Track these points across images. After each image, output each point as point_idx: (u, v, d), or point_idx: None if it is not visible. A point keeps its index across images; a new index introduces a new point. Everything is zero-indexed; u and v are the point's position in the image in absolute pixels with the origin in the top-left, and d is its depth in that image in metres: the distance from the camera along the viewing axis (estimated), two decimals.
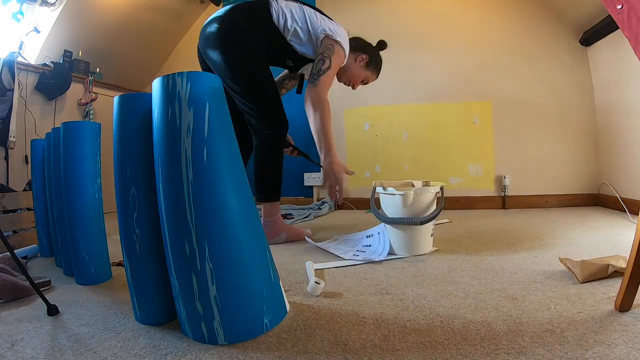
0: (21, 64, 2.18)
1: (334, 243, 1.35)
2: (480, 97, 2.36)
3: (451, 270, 1.00)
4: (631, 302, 0.67)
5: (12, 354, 0.62)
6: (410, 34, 2.49)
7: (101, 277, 1.05)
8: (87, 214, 1.04)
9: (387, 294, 0.84)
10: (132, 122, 0.75)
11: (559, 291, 0.80)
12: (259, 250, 0.71)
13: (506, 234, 1.45)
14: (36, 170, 1.37)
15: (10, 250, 0.82)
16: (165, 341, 0.65)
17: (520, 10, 2.32)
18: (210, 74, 0.69)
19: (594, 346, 0.56)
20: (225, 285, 0.64)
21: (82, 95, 2.59)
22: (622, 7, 0.61)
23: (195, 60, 1.56)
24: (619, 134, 1.96)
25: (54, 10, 2.31)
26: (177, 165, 0.64)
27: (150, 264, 0.74)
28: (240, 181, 0.70)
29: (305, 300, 0.83)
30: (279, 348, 0.61)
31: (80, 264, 1.03)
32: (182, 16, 3.11)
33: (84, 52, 2.59)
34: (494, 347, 0.57)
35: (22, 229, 1.53)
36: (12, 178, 2.09)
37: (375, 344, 0.61)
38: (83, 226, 1.03)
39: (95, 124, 1.09)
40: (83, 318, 0.77)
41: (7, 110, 2.04)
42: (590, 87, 2.21)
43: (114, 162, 0.76)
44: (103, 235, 1.09)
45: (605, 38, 2.00)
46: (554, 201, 2.24)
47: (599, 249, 1.15)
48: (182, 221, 0.64)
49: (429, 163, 2.43)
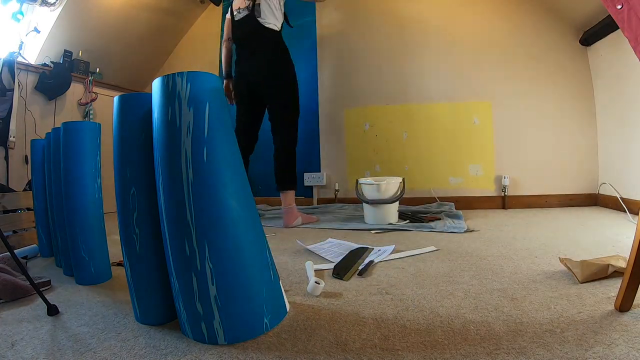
0: (21, 64, 2.18)
1: (327, 245, 1.35)
2: (480, 97, 2.36)
3: (451, 270, 1.00)
4: (631, 302, 0.67)
5: (12, 354, 0.62)
6: (411, 34, 2.49)
7: (101, 277, 1.05)
8: (87, 214, 1.04)
9: (387, 294, 0.84)
10: (132, 122, 0.75)
11: (559, 291, 0.80)
12: (259, 250, 0.71)
13: (507, 236, 1.46)
14: (36, 170, 1.37)
15: (10, 250, 0.82)
16: (165, 341, 0.65)
17: (521, 11, 2.32)
18: (210, 74, 0.69)
19: (594, 346, 0.56)
20: (225, 285, 0.64)
21: (82, 95, 2.59)
22: (622, 7, 0.61)
23: (195, 60, 1.56)
24: (619, 134, 1.96)
25: (54, 10, 2.31)
26: (177, 165, 0.64)
27: (150, 264, 0.74)
28: (240, 181, 0.70)
29: (305, 300, 0.83)
30: (279, 348, 0.61)
31: (80, 264, 1.03)
32: (182, 16, 3.11)
33: (84, 52, 2.59)
34: (494, 347, 0.57)
35: (22, 229, 1.53)
36: (12, 178, 2.09)
37: (375, 344, 0.61)
38: (83, 226, 1.03)
39: (95, 124, 1.09)
40: (83, 318, 0.77)
41: (7, 110, 2.04)
42: (590, 87, 2.21)
43: (114, 162, 0.76)
44: (103, 235, 1.09)
45: (605, 38, 2.00)
46: (554, 201, 2.24)
47: (599, 249, 1.15)
48: (182, 221, 0.64)
49: (429, 163, 2.43)
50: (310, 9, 2.70)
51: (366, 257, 1.15)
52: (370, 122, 2.57)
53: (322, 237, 1.53)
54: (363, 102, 2.57)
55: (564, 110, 2.24)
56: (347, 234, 1.61)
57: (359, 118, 2.59)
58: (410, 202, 2.34)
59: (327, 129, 2.67)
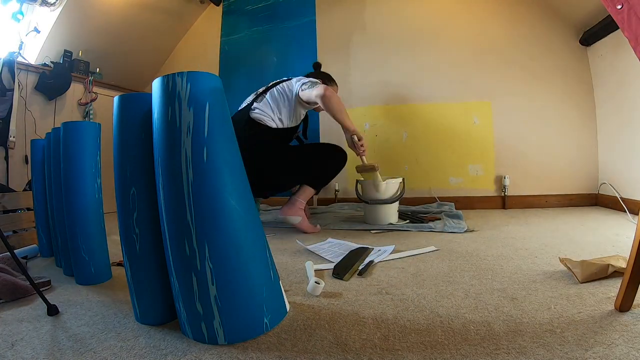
0: (21, 64, 2.18)
1: (327, 245, 1.35)
2: (480, 97, 2.36)
3: (451, 270, 1.00)
4: (631, 302, 0.67)
5: (12, 354, 0.62)
6: (410, 34, 2.49)
7: (101, 277, 1.05)
8: (87, 214, 1.04)
9: (387, 294, 0.84)
10: (132, 122, 0.75)
11: (559, 291, 0.80)
12: (259, 250, 0.71)
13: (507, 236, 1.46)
14: (36, 170, 1.37)
15: (10, 250, 0.82)
16: (165, 341, 0.65)
17: (520, 11, 2.32)
18: (210, 74, 0.68)
19: (594, 346, 0.56)
20: (225, 285, 0.64)
21: (82, 95, 2.59)
22: (622, 7, 0.61)
23: (195, 60, 1.57)
24: (619, 134, 1.96)
25: (54, 10, 2.31)
26: (177, 165, 0.64)
27: (150, 264, 0.74)
28: (240, 181, 0.70)
29: (305, 300, 0.83)
30: (279, 348, 0.61)
31: (80, 264, 1.03)
32: (182, 16, 3.11)
33: (84, 52, 2.59)
34: (494, 347, 0.57)
35: (22, 229, 1.53)
36: (12, 178, 2.09)
37: (375, 344, 0.61)
38: (83, 226, 1.03)
39: (95, 124, 1.09)
40: (83, 318, 0.77)
41: (7, 110, 2.04)
42: (590, 87, 2.21)
43: (114, 162, 0.76)
44: (103, 235, 1.09)
45: (605, 38, 2.00)
46: (554, 201, 2.23)
47: (599, 249, 1.15)
48: (182, 221, 0.64)
49: (429, 163, 2.43)
50: (310, 8, 2.70)
51: (366, 257, 1.15)
52: (370, 122, 2.57)
53: (322, 237, 1.53)
54: (363, 102, 2.57)
55: (564, 110, 2.24)
56: (347, 234, 1.61)
57: (359, 118, 2.59)
58: (410, 202, 2.34)
59: (328, 129, 2.67)
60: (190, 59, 3.19)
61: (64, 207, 1.04)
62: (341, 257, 1.13)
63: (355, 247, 1.26)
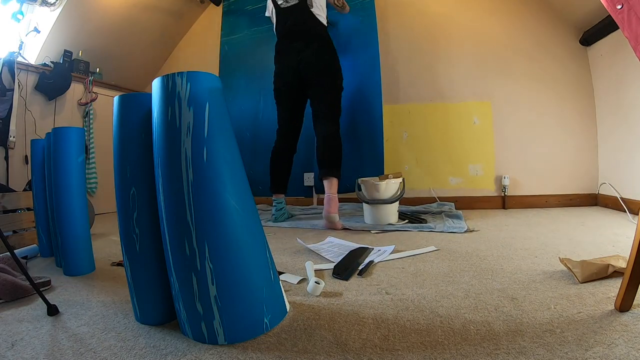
0: (21, 64, 2.18)
1: (327, 245, 1.35)
2: (480, 97, 2.36)
3: (451, 270, 1.00)
4: (631, 302, 0.67)
5: (12, 354, 0.62)
6: (410, 35, 2.49)
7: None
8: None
9: (387, 294, 0.84)
10: (132, 122, 0.75)
11: (559, 291, 0.80)
12: (258, 250, 0.71)
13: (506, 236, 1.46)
14: (36, 170, 1.37)
15: (10, 250, 0.82)
16: (165, 341, 0.65)
17: (520, 11, 2.32)
18: (210, 74, 0.68)
19: (594, 346, 0.56)
20: (225, 285, 0.64)
21: (82, 95, 2.59)
22: (622, 7, 0.61)
23: (195, 60, 1.56)
24: (619, 133, 1.96)
25: (54, 10, 2.31)
26: (177, 165, 0.64)
27: (150, 264, 0.74)
28: (240, 181, 0.70)
29: (305, 300, 0.83)
30: (279, 348, 0.61)
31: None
32: (182, 16, 3.11)
33: (84, 52, 2.59)
34: (494, 347, 0.57)
35: (22, 229, 1.53)
36: (12, 178, 2.09)
37: (375, 344, 0.61)
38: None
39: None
40: (83, 318, 0.77)
41: (7, 110, 2.04)
42: (590, 87, 2.21)
43: (114, 162, 0.76)
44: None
45: (605, 38, 2.00)
46: (554, 201, 2.23)
47: (599, 249, 1.15)
48: (182, 221, 0.64)
49: (429, 163, 2.43)
50: None
51: (366, 257, 1.15)
52: None
53: (322, 236, 1.53)
54: None
55: (564, 110, 2.24)
56: (347, 233, 1.61)
57: None
58: (410, 202, 2.34)
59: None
60: (190, 59, 3.19)
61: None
62: (341, 257, 1.13)
63: (355, 247, 1.26)
